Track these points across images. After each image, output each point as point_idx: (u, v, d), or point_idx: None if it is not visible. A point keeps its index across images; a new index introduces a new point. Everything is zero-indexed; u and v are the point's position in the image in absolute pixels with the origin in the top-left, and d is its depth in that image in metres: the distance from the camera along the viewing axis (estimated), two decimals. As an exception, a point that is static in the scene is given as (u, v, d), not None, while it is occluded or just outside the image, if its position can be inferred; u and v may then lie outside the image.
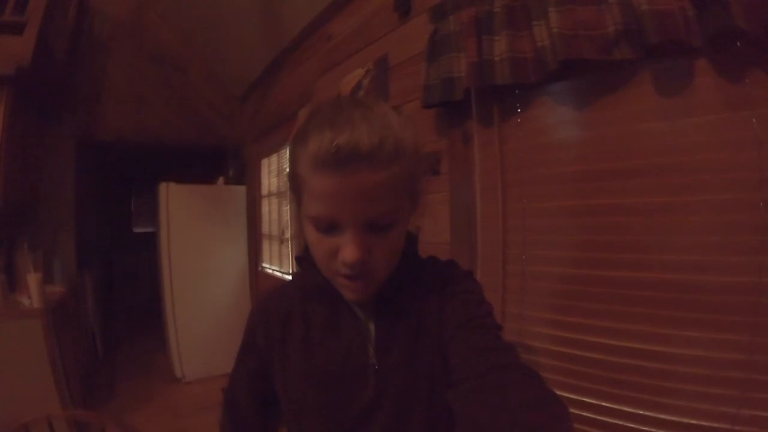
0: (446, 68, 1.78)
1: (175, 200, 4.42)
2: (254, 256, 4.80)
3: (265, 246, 4.57)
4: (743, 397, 1.15)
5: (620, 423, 1.37)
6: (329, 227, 0.67)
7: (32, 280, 2.89)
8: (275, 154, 4.19)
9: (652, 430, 1.30)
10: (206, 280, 4.55)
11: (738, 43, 1.12)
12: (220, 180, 5.10)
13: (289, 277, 3.67)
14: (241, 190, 4.97)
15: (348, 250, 0.66)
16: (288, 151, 0.72)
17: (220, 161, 5.50)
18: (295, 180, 0.70)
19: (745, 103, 1.14)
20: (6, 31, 2.70)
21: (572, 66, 1.39)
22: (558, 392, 0.58)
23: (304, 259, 0.83)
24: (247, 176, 5.05)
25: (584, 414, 1.45)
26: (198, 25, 4.41)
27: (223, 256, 4.74)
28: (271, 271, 4.37)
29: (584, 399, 1.45)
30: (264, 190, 4.56)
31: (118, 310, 6.60)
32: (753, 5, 1.01)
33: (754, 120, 1.12)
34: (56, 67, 3.27)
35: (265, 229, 4.55)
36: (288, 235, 3.86)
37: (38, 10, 2.75)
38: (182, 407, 3.79)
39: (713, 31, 1.10)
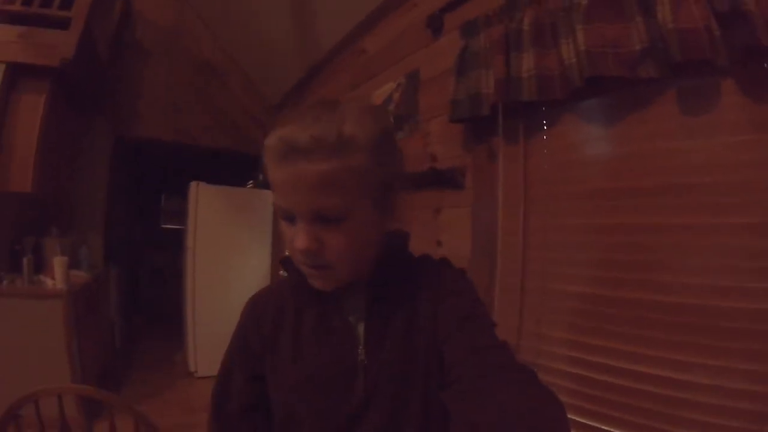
0: (474, 84, 1.81)
1: (205, 200, 4.53)
2: (277, 260, 4.84)
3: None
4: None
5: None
6: (287, 216, 0.71)
7: (58, 262, 2.97)
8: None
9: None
10: (228, 279, 4.61)
11: (765, 64, 1.11)
12: (250, 184, 5.18)
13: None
14: (269, 195, 4.99)
15: (298, 238, 0.70)
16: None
17: (250, 165, 5.59)
18: (264, 169, 0.74)
19: None
20: (52, 25, 2.83)
21: (598, 83, 1.39)
22: (572, 417, 0.57)
23: (288, 260, 0.84)
24: (275, 182, 5.08)
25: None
26: (238, 35, 4.57)
27: (247, 258, 4.80)
28: (292, 276, 4.37)
29: (597, 425, 1.41)
30: (291, 196, 4.58)
31: (140, 305, 6.75)
32: None
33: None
34: (98, 64, 3.42)
35: (289, 234, 4.56)
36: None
37: (84, 7, 2.89)
38: (194, 401, 3.83)
39: (739, 50, 1.09)
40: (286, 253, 0.83)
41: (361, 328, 0.79)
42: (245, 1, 3.94)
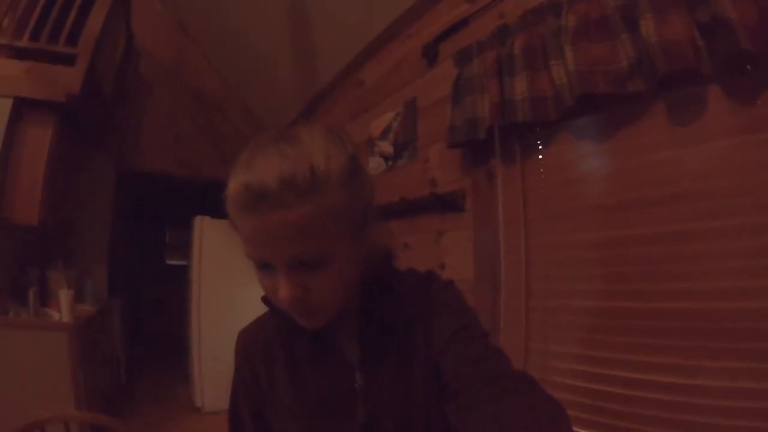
0: (470, 109, 1.86)
1: (209, 234, 4.52)
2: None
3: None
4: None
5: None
6: (264, 265, 0.66)
7: (63, 295, 2.95)
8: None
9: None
10: (234, 313, 4.44)
11: (748, 67, 1.14)
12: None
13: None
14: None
15: (282, 290, 0.64)
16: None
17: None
18: (229, 218, 0.68)
19: (759, 125, 1.15)
20: (59, 61, 2.90)
21: (590, 101, 1.43)
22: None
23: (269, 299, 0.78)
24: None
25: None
26: (238, 68, 4.71)
27: (252, 292, 4.67)
28: (296, 308, 4.35)
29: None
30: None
31: (144, 339, 6.68)
32: (757, 28, 1.04)
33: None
34: (102, 99, 3.49)
35: (295, 267, 4.57)
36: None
37: (89, 44, 2.97)
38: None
39: (722, 57, 1.13)
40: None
41: (355, 355, 0.77)
42: (245, 34, 4.06)
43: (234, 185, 0.62)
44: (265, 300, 0.79)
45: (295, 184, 0.58)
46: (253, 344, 0.86)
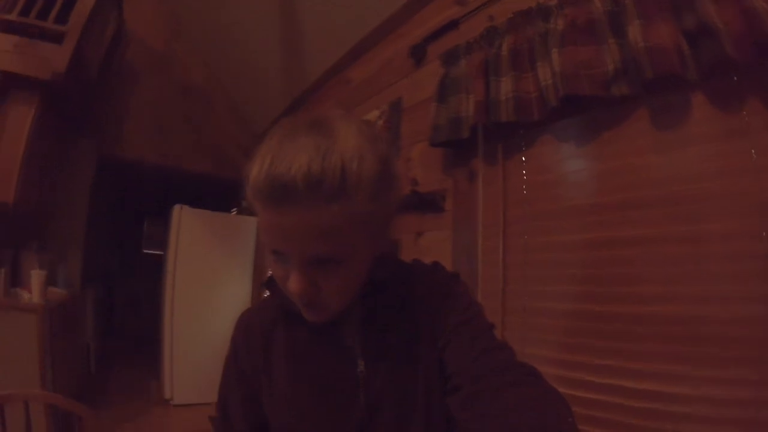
0: (454, 108, 1.86)
1: (187, 224, 4.48)
2: (258, 288, 4.78)
3: (271, 280, 4.53)
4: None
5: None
6: (278, 252, 0.64)
7: (36, 275, 2.88)
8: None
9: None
10: (208, 306, 4.50)
11: (735, 78, 1.16)
12: (233, 210, 5.16)
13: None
14: (252, 222, 4.96)
15: (292, 281, 0.63)
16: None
17: (235, 192, 5.59)
18: (248, 201, 0.65)
19: (742, 132, 1.16)
20: (46, 38, 2.83)
21: (574, 104, 1.44)
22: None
23: (273, 281, 0.77)
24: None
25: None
26: (225, 63, 4.68)
27: (228, 285, 4.70)
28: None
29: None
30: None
31: (116, 331, 6.59)
32: (742, 35, 1.05)
33: (753, 150, 1.14)
34: (88, 81, 3.40)
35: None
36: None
37: (79, 23, 2.90)
38: (169, 429, 3.74)
39: (707, 64, 1.15)
40: (269, 273, 0.75)
41: (358, 341, 0.76)
42: (235, 29, 4.03)
43: (258, 172, 0.58)
44: (270, 283, 0.78)
45: (323, 186, 0.55)
46: (251, 327, 0.84)
